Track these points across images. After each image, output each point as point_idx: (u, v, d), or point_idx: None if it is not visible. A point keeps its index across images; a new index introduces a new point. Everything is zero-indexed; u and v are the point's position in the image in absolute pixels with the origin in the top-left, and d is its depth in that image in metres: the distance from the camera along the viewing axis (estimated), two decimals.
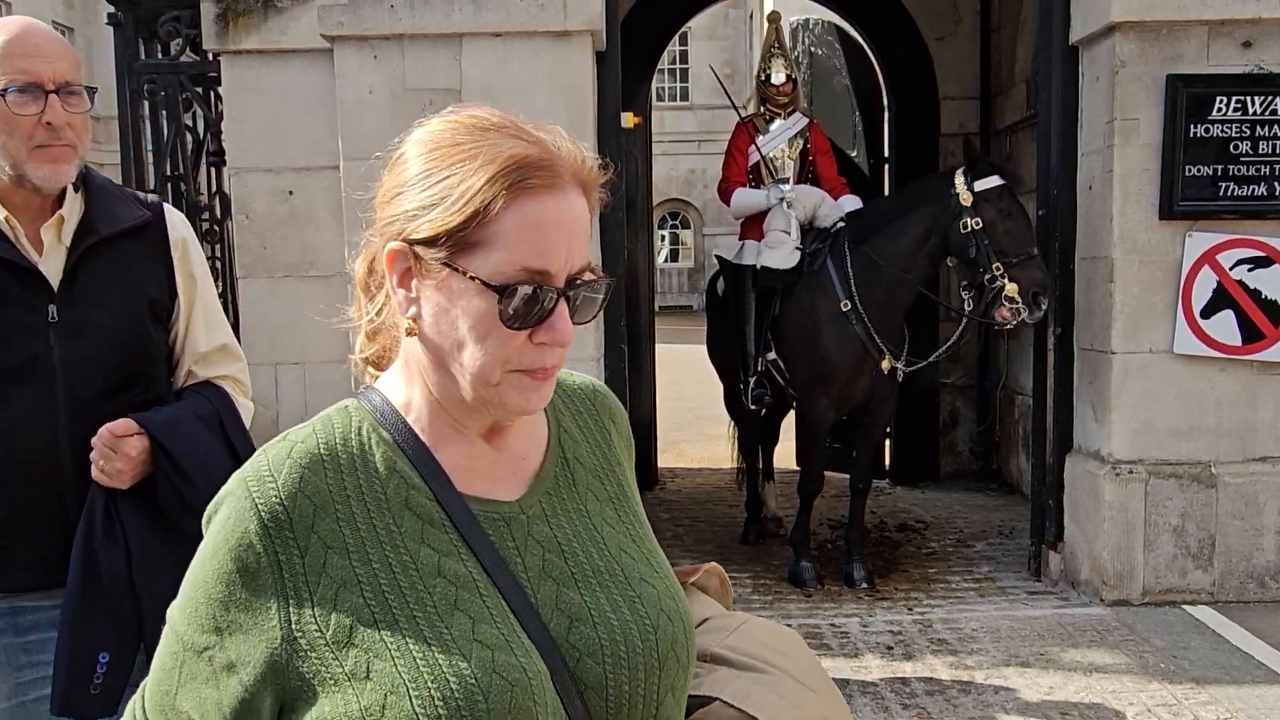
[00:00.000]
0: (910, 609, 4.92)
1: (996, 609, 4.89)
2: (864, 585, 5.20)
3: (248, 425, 2.04)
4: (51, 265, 1.83)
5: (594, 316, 1.01)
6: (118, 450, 1.79)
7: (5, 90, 1.73)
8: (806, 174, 5.80)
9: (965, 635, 4.53)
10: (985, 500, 7.11)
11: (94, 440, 1.79)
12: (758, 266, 5.46)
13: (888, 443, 7.33)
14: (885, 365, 5.15)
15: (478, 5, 4.62)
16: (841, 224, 5.39)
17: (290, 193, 4.94)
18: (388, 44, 4.69)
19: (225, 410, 1.98)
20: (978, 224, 4.77)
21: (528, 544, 1.01)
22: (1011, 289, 4.71)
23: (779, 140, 5.80)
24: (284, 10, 4.84)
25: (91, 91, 1.84)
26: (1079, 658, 4.25)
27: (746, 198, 5.72)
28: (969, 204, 4.80)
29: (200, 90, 5.11)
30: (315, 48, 4.78)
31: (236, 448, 1.95)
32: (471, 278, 0.94)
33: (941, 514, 6.76)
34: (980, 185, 4.81)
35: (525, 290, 0.94)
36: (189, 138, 5.21)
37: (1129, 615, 4.69)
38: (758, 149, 5.75)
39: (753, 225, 5.70)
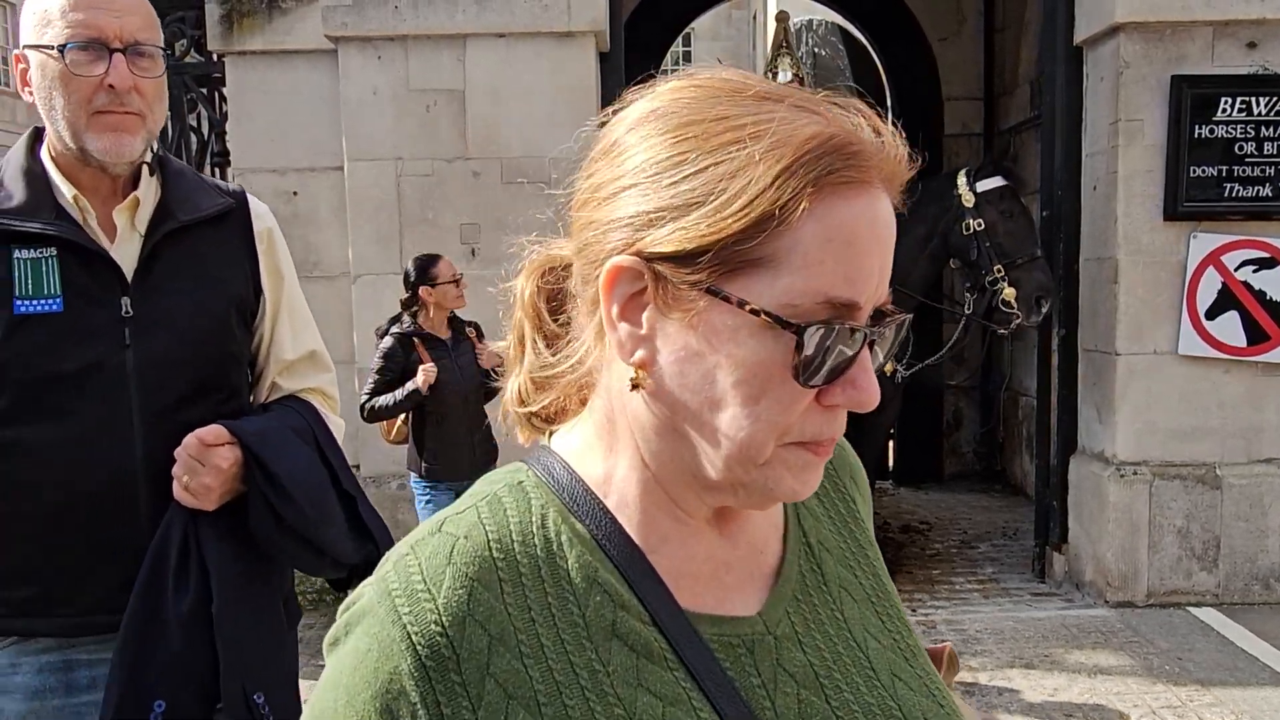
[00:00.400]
0: (914, 610, 4.91)
1: (1000, 610, 4.88)
2: None
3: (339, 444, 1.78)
4: (125, 253, 1.56)
5: (883, 366, 0.73)
6: (206, 462, 1.51)
7: (64, 46, 1.48)
8: None
9: (969, 636, 4.53)
10: (989, 501, 7.10)
11: (178, 451, 1.51)
12: None
13: (891, 444, 7.33)
14: (888, 367, 5.13)
15: (481, 6, 4.62)
16: None
17: (294, 193, 4.95)
18: (391, 45, 4.69)
19: (318, 427, 1.71)
20: (979, 225, 4.77)
21: (778, 679, 0.74)
22: (1010, 293, 4.70)
23: None
24: (288, 11, 4.84)
25: (166, 55, 1.61)
26: (1083, 659, 4.25)
27: None
28: (971, 205, 4.79)
29: (205, 91, 5.12)
30: (319, 48, 4.78)
31: (335, 468, 1.67)
32: (752, 311, 0.66)
33: (945, 515, 6.75)
34: (983, 186, 4.80)
35: (826, 330, 0.66)
36: (193, 138, 5.21)
37: (1133, 617, 4.68)
38: None
39: None
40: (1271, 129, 4.68)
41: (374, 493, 4.42)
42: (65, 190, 1.54)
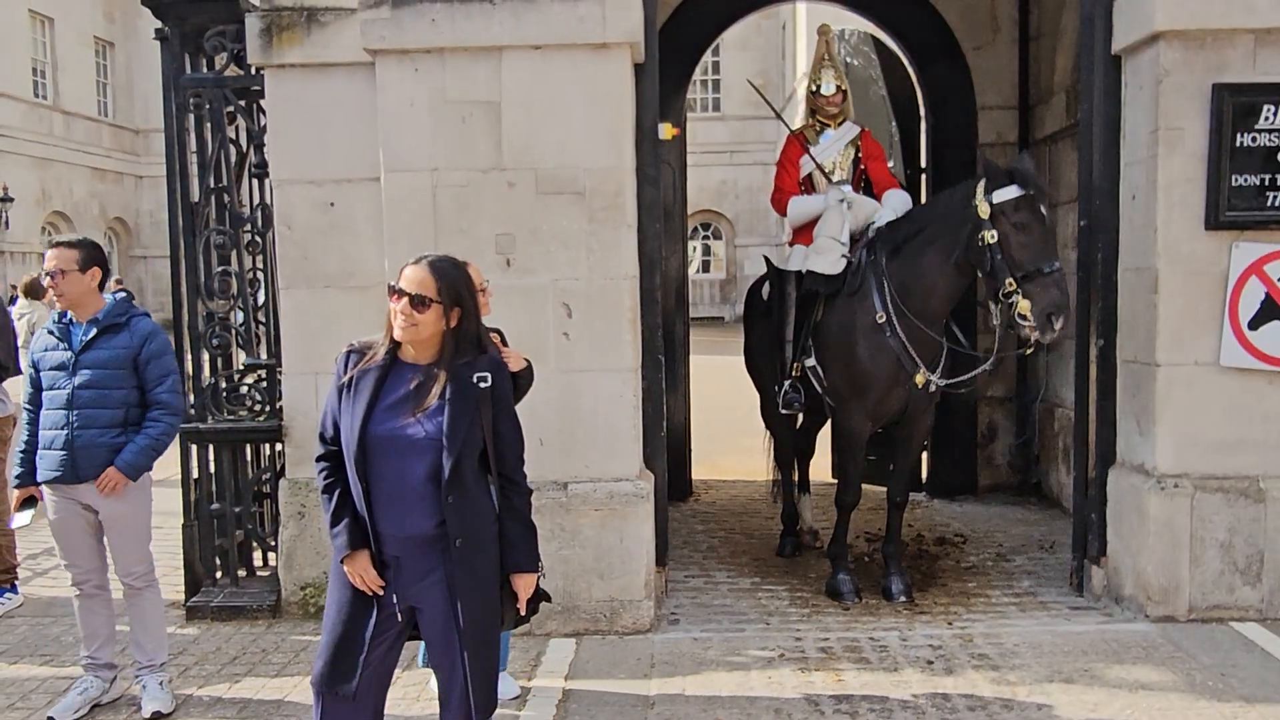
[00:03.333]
0: (950, 623, 4.86)
1: (1038, 624, 4.83)
2: (902, 599, 5.15)
3: None
4: None
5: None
6: None
7: None
8: (860, 182, 5.81)
9: (1007, 650, 4.47)
10: (1025, 514, 7.03)
11: None
12: (803, 271, 5.46)
13: (925, 455, 7.26)
14: (919, 379, 5.09)
15: (518, 19, 4.65)
16: (881, 230, 5.36)
17: (331, 204, 4.99)
18: (429, 57, 4.73)
19: None
20: (993, 237, 4.65)
21: None
22: (1025, 306, 4.56)
23: (832, 151, 5.80)
24: (326, 25, 4.90)
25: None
26: (1124, 675, 4.18)
27: (805, 204, 5.71)
28: (986, 216, 4.69)
29: (244, 104, 5.18)
30: (357, 61, 4.83)
31: None
32: None
33: (980, 528, 6.68)
34: (998, 197, 4.67)
35: None
36: (233, 150, 5.28)
37: (1175, 632, 4.61)
38: (812, 159, 5.75)
39: (804, 233, 5.69)
40: None
41: None
42: None
